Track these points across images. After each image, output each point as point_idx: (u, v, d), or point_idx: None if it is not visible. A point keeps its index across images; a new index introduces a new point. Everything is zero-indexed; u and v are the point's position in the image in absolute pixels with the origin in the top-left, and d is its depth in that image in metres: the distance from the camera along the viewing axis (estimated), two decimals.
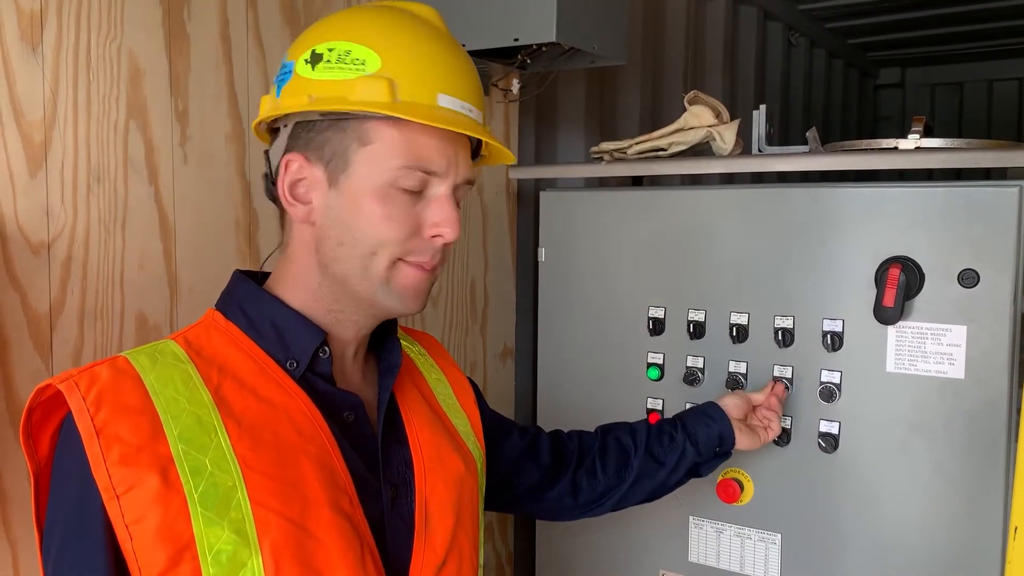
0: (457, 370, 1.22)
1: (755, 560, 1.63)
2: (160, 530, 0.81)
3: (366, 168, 0.92)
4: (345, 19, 0.97)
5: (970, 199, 1.42)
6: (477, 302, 2.06)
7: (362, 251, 0.93)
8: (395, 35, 0.94)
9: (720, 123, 1.66)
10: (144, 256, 1.36)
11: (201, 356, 0.92)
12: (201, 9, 1.42)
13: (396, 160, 0.91)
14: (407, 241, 0.93)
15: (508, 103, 2.02)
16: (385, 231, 0.92)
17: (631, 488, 1.36)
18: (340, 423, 0.96)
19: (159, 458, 0.83)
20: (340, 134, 0.92)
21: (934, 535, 1.47)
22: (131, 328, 1.34)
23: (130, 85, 1.32)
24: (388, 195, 0.92)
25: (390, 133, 0.91)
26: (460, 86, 0.95)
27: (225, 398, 0.89)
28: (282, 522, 0.85)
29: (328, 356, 0.97)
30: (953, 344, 1.44)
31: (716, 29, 2.90)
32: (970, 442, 1.44)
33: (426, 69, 0.93)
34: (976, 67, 4.52)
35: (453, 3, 1.71)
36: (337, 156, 0.93)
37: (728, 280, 1.63)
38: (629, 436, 1.38)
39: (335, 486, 0.91)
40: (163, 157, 1.37)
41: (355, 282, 0.95)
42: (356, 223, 0.92)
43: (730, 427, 1.39)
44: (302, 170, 0.94)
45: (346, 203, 0.93)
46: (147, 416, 0.84)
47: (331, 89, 0.92)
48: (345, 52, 0.92)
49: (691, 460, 1.37)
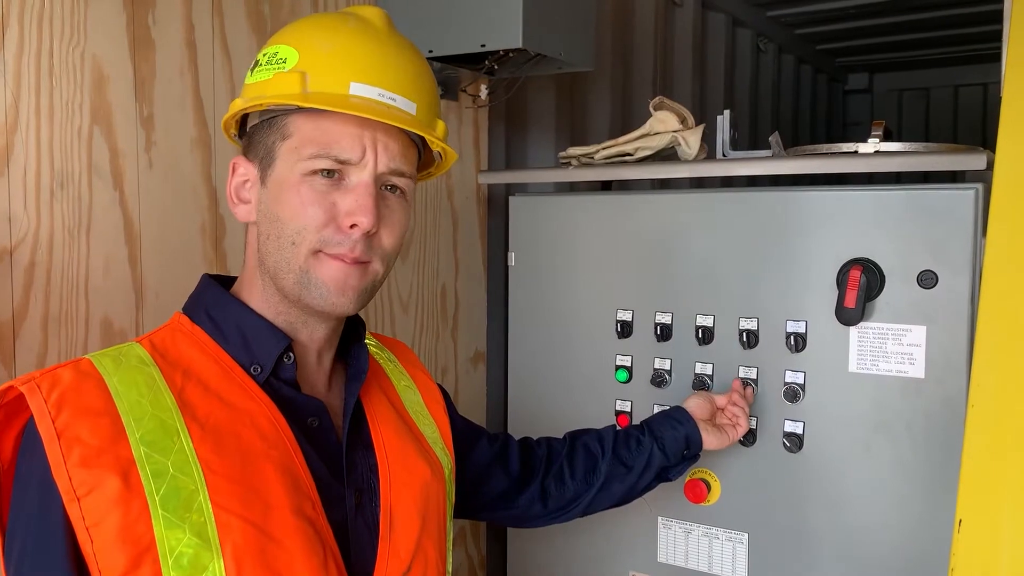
0: (427, 377, 1.22)
1: (723, 559, 1.65)
2: (120, 532, 0.81)
3: (286, 161, 0.94)
4: (288, 26, 1.02)
5: (929, 202, 1.44)
6: (448, 307, 2.06)
7: (284, 242, 0.94)
8: (315, 31, 0.98)
9: (685, 128, 1.68)
10: (109, 261, 1.35)
11: (166, 359, 0.93)
12: (166, 15, 1.42)
13: (308, 149, 0.93)
14: (323, 229, 0.93)
15: (477, 108, 2.03)
16: (301, 219, 0.93)
17: (599, 493, 1.37)
18: (304, 428, 0.96)
19: (120, 460, 0.83)
20: (268, 131, 0.96)
21: (898, 531, 1.49)
22: (96, 334, 1.33)
23: (94, 90, 1.32)
24: (304, 184, 0.93)
25: (304, 124, 0.94)
26: (381, 75, 0.95)
27: (189, 401, 0.90)
28: (244, 525, 0.86)
29: (292, 362, 0.98)
30: (913, 344, 1.46)
31: (685, 35, 2.93)
32: (930, 440, 1.46)
33: (339, 60, 0.95)
34: (942, 73, 4.59)
35: (421, 10, 1.72)
36: (266, 153, 0.96)
37: (694, 283, 1.65)
38: (597, 441, 1.39)
39: (298, 491, 0.91)
40: (128, 163, 1.37)
41: (282, 277, 0.95)
42: (279, 214, 0.94)
43: (696, 429, 1.40)
44: (245, 171, 0.98)
45: (272, 197, 0.95)
46: (109, 418, 0.84)
47: (257, 89, 0.96)
48: (273, 54, 0.97)
49: (659, 463, 1.38)
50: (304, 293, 0.95)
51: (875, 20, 3.66)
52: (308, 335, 1.01)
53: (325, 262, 0.94)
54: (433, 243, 1.99)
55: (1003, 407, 0.76)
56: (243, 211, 0.99)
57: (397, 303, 1.90)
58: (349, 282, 0.95)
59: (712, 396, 1.47)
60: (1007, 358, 0.78)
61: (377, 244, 0.97)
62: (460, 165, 2.05)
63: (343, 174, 0.94)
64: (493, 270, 2.17)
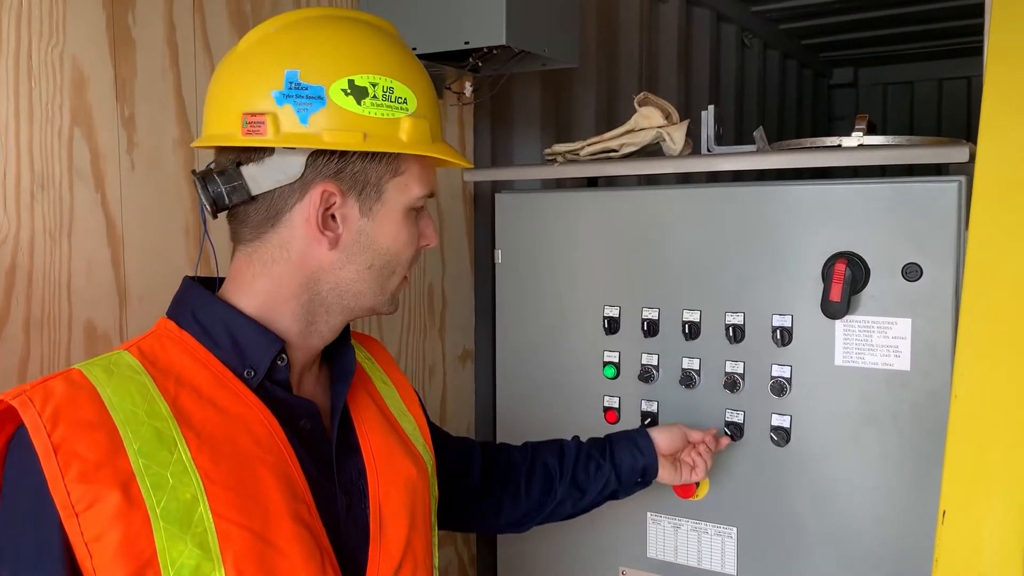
0: (402, 375, 1.22)
1: (712, 554, 1.65)
2: (122, 547, 0.80)
3: (396, 197, 0.98)
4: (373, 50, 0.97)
5: (912, 195, 1.45)
6: (435, 305, 2.06)
7: (386, 271, 1.00)
8: (417, 72, 1.00)
9: (670, 124, 1.68)
10: (91, 264, 1.34)
11: (156, 367, 0.91)
12: (146, 14, 1.41)
13: (420, 189, 1.00)
14: (415, 254, 1.03)
15: (462, 106, 2.03)
16: (408, 251, 1.01)
17: (552, 512, 1.40)
18: (296, 431, 0.96)
19: (120, 474, 0.81)
20: (375, 165, 0.96)
21: (885, 524, 1.50)
22: (79, 336, 1.32)
23: (74, 91, 1.31)
24: (410, 219, 1.00)
25: (413, 164, 0.99)
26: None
27: (183, 409, 0.88)
28: (244, 534, 0.85)
29: (286, 364, 0.97)
30: (899, 337, 1.47)
31: (670, 31, 2.93)
32: (917, 432, 1.47)
33: (437, 106, 1.02)
34: (926, 66, 4.61)
35: (405, 7, 1.72)
36: (370, 186, 0.96)
37: (681, 278, 1.65)
38: (557, 459, 1.40)
39: (294, 495, 0.91)
40: (110, 164, 1.36)
41: (368, 298, 1.00)
42: (387, 246, 0.99)
43: (655, 463, 1.42)
44: (337, 200, 0.95)
45: (378, 229, 0.98)
46: (105, 431, 0.83)
47: (381, 127, 0.94)
48: (388, 89, 0.95)
49: (612, 488, 1.41)
50: (382, 308, 1.03)
51: (859, 14, 3.67)
52: (321, 341, 1.01)
53: (403, 281, 1.04)
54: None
55: (986, 398, 0.76)
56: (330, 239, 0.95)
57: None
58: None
59: (688, 432, 1.46)
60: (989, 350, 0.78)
61: None
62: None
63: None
64: (480, 268, 2.17)
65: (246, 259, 0.98)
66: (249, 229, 0.97)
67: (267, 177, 0.93)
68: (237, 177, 0.93)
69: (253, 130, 0.92)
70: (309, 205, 0.94)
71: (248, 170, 0.93)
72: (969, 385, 0.77)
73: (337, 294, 0.98)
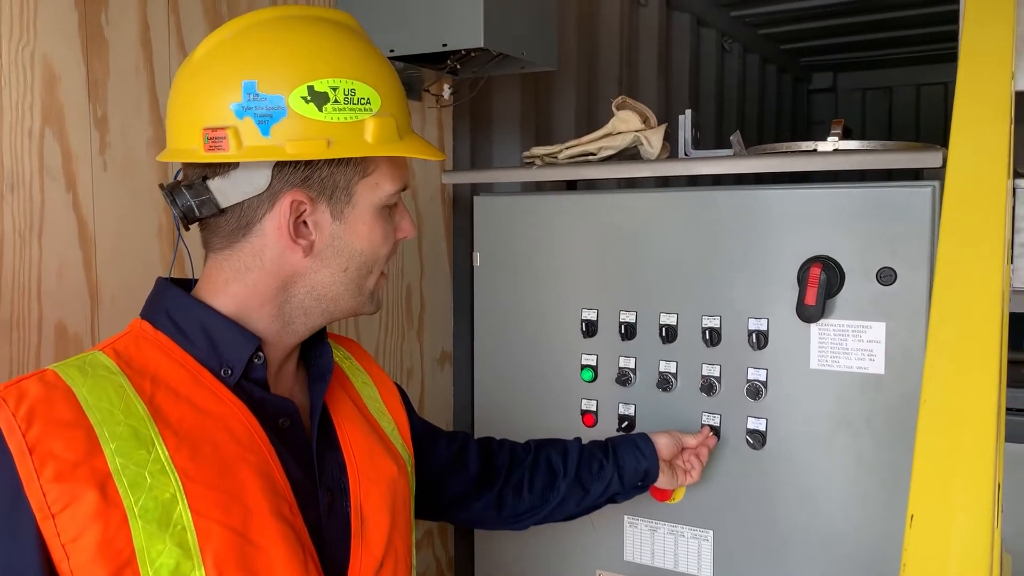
0: (383, 373, 1.22)
1: (688, 557, 1.65)
2: (100, 547, 0.80)
3: (367, 197, 0.97)
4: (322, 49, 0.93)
5: (886, 199, 1.46)
6: (413, 307, 2.05)
7: (362, 272, 0.99)
8: (380, 67, 0.97)
9: (647, 128, 1.68)
10: (63, 265, 1.33)
11: (132, 367, 0.90)
12: (120, 14, 1.39)
13: (392, 185, 0.98)
14: (390, 251, 1.02)
15: (441, 108, 2.03)
16: (384, 248, 1.00)
17: (553, 510, 1.39)
18: (276, 430, 0.95)
19: (96, 473, 0.81)
20: (343, 169, 0.94)
21: (861, 527, 1.51)
22: (50, 338, 1.31)
23: (45, 91, 1.29)
24: (383, 216, 0.99)
25: (386, 163, 0.97)
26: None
27: (160, 409, 0.88)
28: (224, 532, 0.85)
29: (263, 362, 0.96)
30: (873, 340, 1.48)
31: (650, 35, 2.94)
32: (891, 435, 1.48)
33: (403, 100, 1.00)
34: (904, 72, 4.66)
35: (381, 8, 1.71)
36: (339, 190, 0.95)
37: (657, 281, 1.65)
38: (561, 457, 1.40)
39: (275, 494, 0.90)
40: (82, 164, 1.35)
41: (347, 300, 0.99)
42: (361, 248, 0.98)
43: (657, 467, 1.42)
44: (307, 208, 0.94)
45: (350, 232, 0.96)
46: (82, 430, 0.82)
47: (345, 132, 0.92)
48: (350, 91, 0.92)
49: (614, 490, 1.41)
50: (363, 309, 1.02)
51: (838, 20, 3.70)
52: (297, 339, 1.01)
53: (380, 279, 1.02)
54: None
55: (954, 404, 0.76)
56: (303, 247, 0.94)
57: None
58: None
59: (683, 437, 1.48)
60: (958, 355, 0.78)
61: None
62: (424, 165, 2.04)
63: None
64: (459, 270, 2.16)
65: (217, 266, 0.97)
66: (220, 239, 0.96)
67: (234, 190, 0.92)
68: (204, 191, 0.93)
69: (215, 146, 0.90)
70: (279, 215, 0.93)
71: (215, 184, 0.92)
72: (938, 390, 0.77)
73: (314, 298, 0.98)
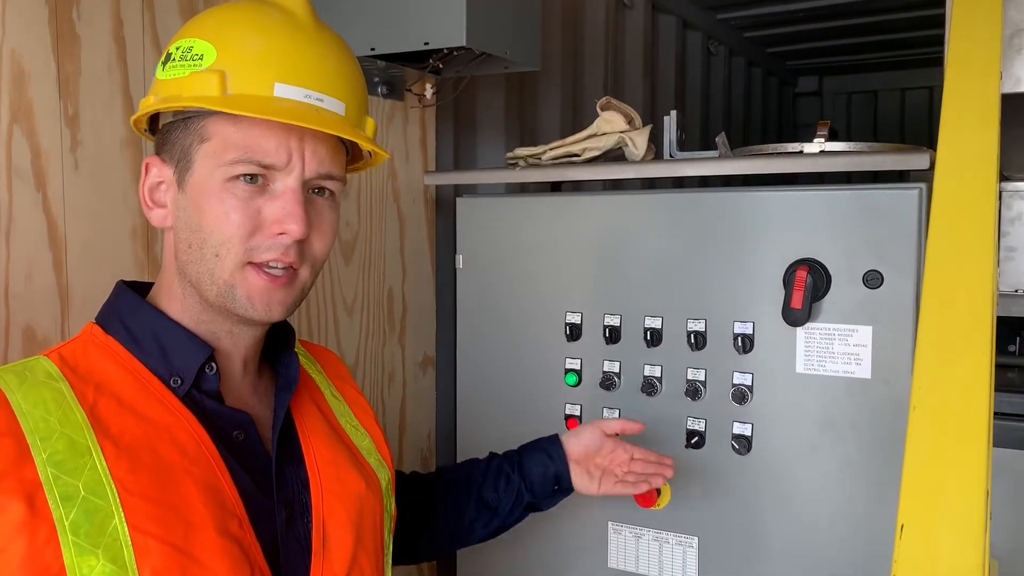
0: (356, 388, 1.18)
1: (673, 564, 1.63)
2: (25, 561, 0.76)
3: (205, 165, 0.89)
4: (201, 16, 0.96)
5: (873, 201, 1.44)
6: (395, 310, 2.02)
7: (207, 253, 0.90)
8: (233, 26, 0.91)
9: (632, 129, 1.66)
10: (32, 266, 1.29)
11: (76, 373, 0.88)
12: (92, 9, 1.36)
13: (230, 154, 0.88)
14: (249, 239, 0.89)
15: (424, 108, 2.00)
16: (226, 229, 0.88)
17: (466, 534, 1.33)
18: (229, 442, 0.92)
19: (24, 484, 0.78)
20: (183, 132, 0.91)
21: (846, 532, 1.49)
22: (18, 342, 1.27)
23: (13, 88, 1.25)
24: (226, 191, 0.89)
25: (224, 127, 0.89)
26: (308, 74, 0.90)
27: (101, 417, 0.85)
28: (164, 548, 0.81)
29: (215, 372, 0.93)
30: (860, 344, 1.46)
31: (635, 37, 2.92)
32: (877, 440, 1.46)
33: (262, 58, 0.89)
34: (889, 76, 4.66)
35: (363, 5, 1.68)
36: (183, 156, 0.91)
37: (642, 284, 1.63)
38: (464, 480, 1.33)
39: (223, 508, 0.87)
40: (52, 163, 1.31)
41: (205, 288, 0.91)
42: (200, 223, 0.90)
43: (566, 468, 1.32)
44: (159, 173, 0.93)
45: (191, 203, 0.90)
46: (12, 438, 0.80)
47: (172, 88, 0.90)
48: (188, 48, 0.91)
49: (526, 500, 1.33)
50: (229, 304, 0.91)
51: (824, 24, 3.70)
52: (232, 343, 0.96)
53: (251, 277, 0.90)
54: (379, 245, 1.95)
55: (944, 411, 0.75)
56: (158, 215, 0.94)
57: (341, 306, 1.86)
58: (275, 297, 0.92)
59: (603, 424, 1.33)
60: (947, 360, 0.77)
61: (308, 250, 0.93)
62: (407, 166, 2.01)
63: (268, 179, 0.90)
64: (441, 273, 2.13)
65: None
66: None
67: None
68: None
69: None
70: (141, 181, 0.95)
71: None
72: (927, 397, 0.75)
73: (189, 281, 0.92)
